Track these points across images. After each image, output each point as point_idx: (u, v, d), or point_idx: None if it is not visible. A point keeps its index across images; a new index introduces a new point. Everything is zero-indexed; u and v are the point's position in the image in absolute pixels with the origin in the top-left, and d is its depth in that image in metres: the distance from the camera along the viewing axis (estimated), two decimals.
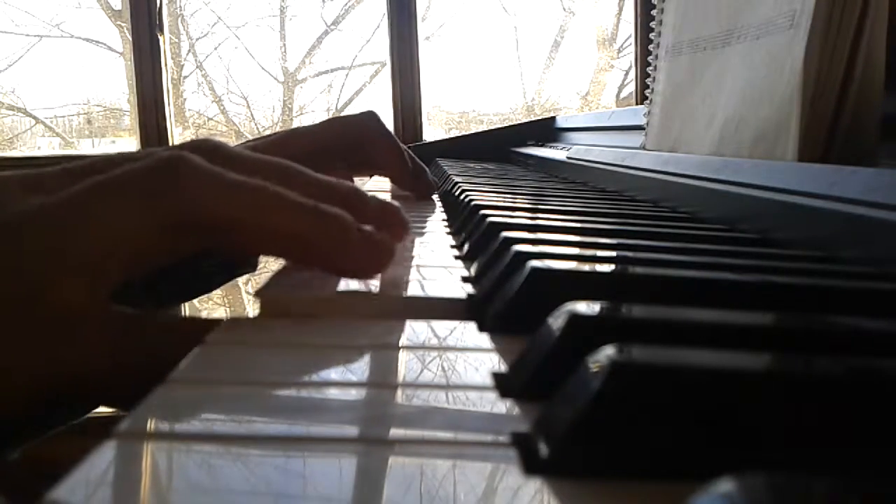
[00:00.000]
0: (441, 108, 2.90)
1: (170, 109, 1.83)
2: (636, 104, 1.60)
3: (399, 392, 0.20)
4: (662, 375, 0.16)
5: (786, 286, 0.28)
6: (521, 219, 0.45)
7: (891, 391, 0.15)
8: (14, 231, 0.26)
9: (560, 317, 0.21)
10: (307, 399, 0.19)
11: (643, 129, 0.74)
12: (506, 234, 0.35)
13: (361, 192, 0.31)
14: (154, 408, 0.18)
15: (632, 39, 1.85)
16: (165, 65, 1.82)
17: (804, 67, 0.45)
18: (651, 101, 0.73)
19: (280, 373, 0.21)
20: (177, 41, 2.84)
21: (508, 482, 0.15)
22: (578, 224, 0.45)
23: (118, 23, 2.69)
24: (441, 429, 0.17)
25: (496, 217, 0.43)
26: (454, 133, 2.49)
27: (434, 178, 0.73)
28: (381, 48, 2.01)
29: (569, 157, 0.95)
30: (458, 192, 0.64)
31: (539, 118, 1.61)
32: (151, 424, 0.17)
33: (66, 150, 2.78)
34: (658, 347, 0.17)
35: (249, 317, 0.27)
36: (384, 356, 0.23)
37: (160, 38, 1.80)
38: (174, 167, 0.27)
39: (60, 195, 0.26)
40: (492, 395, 0.20)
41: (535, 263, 0.27)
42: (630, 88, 2.32)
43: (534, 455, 0.16)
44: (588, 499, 0.14)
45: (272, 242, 0.28)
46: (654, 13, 0.74)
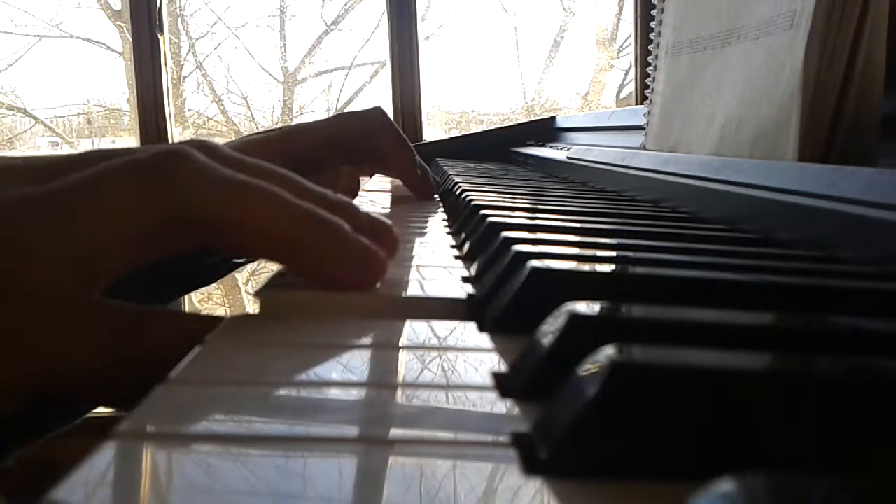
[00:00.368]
0: (441, 108, 2.90)
1: (170, 109, 1.83)
2: (636, 104, 1.60)
3: (399, 392, 0.20)
4: (662, 375, 0.16)
5: (786, 286, 0.28)
6: (521, 219, 0.45)
7: (891, 391, 0.15)
8: (6, 216, 0.25)
9: (560, 317, 0.21)
10: (307, 399, 0.19)
11: (643, 129, 0.74)
12: (506, 234, 0.35)
13: (355, 206, 0.31)
14: (154, 408, 0.18)
15: (632, 39, 1.85)
16: (165, 65, 1.82)
17: (804, 67, 0.45)
18: (651, 101, 0.73)
19: (280, 373, 0.21)
20: (177, 41, 2.84)
21: (508, 482, 0.15)
22: (578, 224, 0.45)
23: (118, 23, 2.69)
24: (441, 429, 0.17)
25: (496, 217, 0.43)
26: (454, 133, 2.49)
27: (435, 178, 0.74)
28: (381, 48, 2.01)
29: (569, 157, 0.95)
30: (459, 192, 0.64)
31: (539, 118, 1.61)
32: (151, 424, 0.17)
33: (66, 151, 2.78)
34: (658, 347, 0.17)
35: (249, 316, 0.27)
36: (384, 356, 0.23)
37: (160, 38, 1.80)
38: (172, 162, 0.27)
39: (55, 184, 0.26)
40: (492, 395, 0.20)
41: (535, 263, 0.27)
42: (630, 88, 2.32)
43: (534, 455, 0.16)
44: (588, 499, 0.14)
45: (268, 244, 0.28)
46: (654, 13, 0.74)
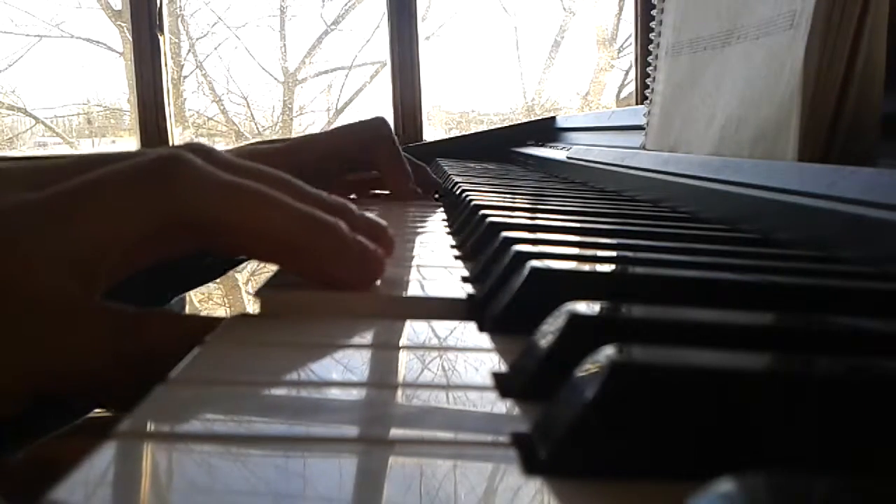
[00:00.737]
0: (441, 108, 2.90)
1: (170, 109, 1.83)
2: (636, 104, 1.60)
3: (399, 392, 0.20)
4: (662, 375, 0.16)
5: (786, 286, 0.28)
6: (521, 219, 0.45)
7: (891, 391, 0.15)
8: (4, 221, 0.25)
9: (560, 317, 0.21)
10: (307, 399, 0.19)
11: (643, 129, 0.74)
12: (506, 234, 0.35)
13: (351, 207, 0.31)
14: (154, 408, 0.18)
15: (632, 39, 1.85)
16: (165, 65, 1.82)
17: (804, 67, 0.45)
18: (651, 101, 0.73)
19: (280, 373, 0.21)
20: (177, 41, 2.84)
21: (508, 482, 0.15)
22: (578, 224, 0.45)
23: (118, 23, 2.69)
24: (441, 429, 0.17)
25: (496, 217, 0.43)
26: (454, 133, 2.49)
27: (436, 179, 0.74)
28: (381, 48, 2.01)
29: (569, 157, 0.95)
30: (459, 192, 0.64)
31: (539, 118, 1.61)
32: (151, 424, 0.17)
33: (67, 150, 2.78)
34: (658, 347, 0.17)
35: (249, 316, 0.27)
36: (384, 356, 0.23)
37: (160, 38, 1.80)
38: (170, 166, 0.27)
39: (55, 189, 0.26)
40: (492, 395, 0.19)
41: (535, 263, 0.27)
42: (630, 88, 2.32)
43: (534, 455, 0.16)
44: (588, 499, 0.14)
45: (266, 246, 0.28)
46: (654, 13, 0.74)
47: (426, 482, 0.15)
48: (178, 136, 1.92)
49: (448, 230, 0.49)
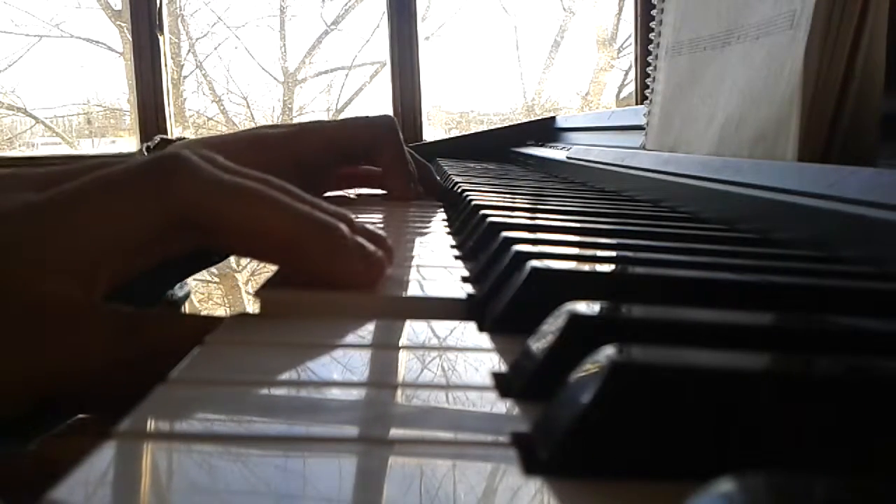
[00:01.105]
0: (441, 108, 2.90)
1: (170, 109, 1.83)
2: (636, 104, 1.60)
3: (399, 392, 0.20)
4: (662, 375, 0.16)
5: (786, 286, 0.28)
6: (521, 219, 0.45)
7: (891, 391, 0.15)
8: (6, 224, 0.26)
9: (560, 317, 0.21)
10: (307, 399, 0.19)
11: (643, 129, 0.74)
12: (506, 234, 0.35)
13: (349, 215, 0.31)
14: (154, 408, 0.18)
15: (632, 39, 1.85)
16: (165, 65, 1.82)
17: (804, 67, 0.45)
18: (651, 101, 0.73)
19: (280, 373, 0.21)
20: (177, 41, 2.84)
21: (508, 482, 0.15)
22: (578, 224, 0.45)
23: (118, 23, 2.69)
24: (441, 429, 0.17)
25: (496, 217, 0.43)
26: (454, 133, 2.49)
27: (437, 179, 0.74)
28: (381, 48, 2.01)
29: (569, 157, 0.95)
30: (459, 192, 0.64)
31: (539, 118, 1.61)
32: (151, 424, 0.17)
33: (67, 150, 2.78)
34: (658, 347, 0.17)
35: (249, 316, 0.27)
36: (384, 356, 0.23)
37: (160, 38, 1.80)
38: (170, 166, 0.27)
39: (55, 192, 0.26)
40: (492, 395, 0.19)
41: (535, 263, 0.27)
42: (630, 88, 2.32)
43: (534, 455, 0.16)
44: (588, 499, 0.14)
45: (267, 246, 0.28)
46: (654, 13, 0.74)
47: (426, 482, 0.15)
48: (178, 136, 1.92)
49: (448, 230, 0.49)
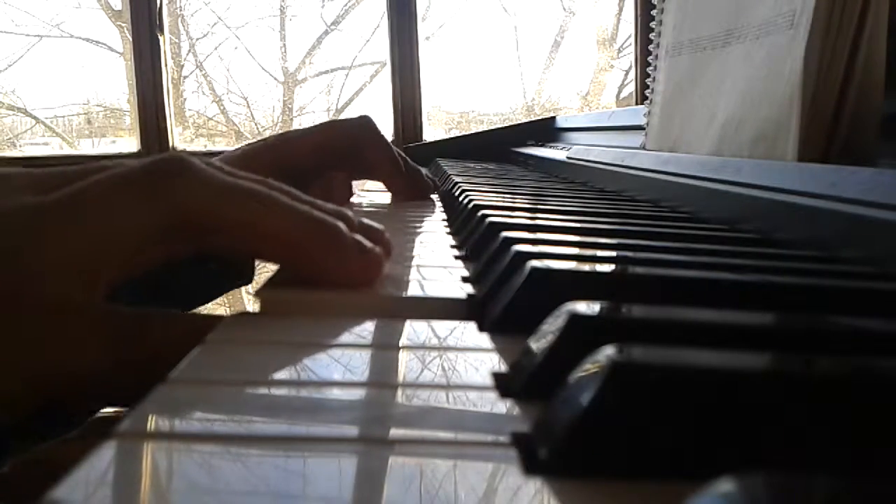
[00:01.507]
0: (441, 108, 2.90)
1: (170, 109, 1.83)
2: (636, 104, 1.60)
3: (399, 392, 0.20)
4: (662, 375, 0.16)
5: (786, 286, 0.28)
6: (521, 219, 0.45)
7: (891, 391, 0.15)
8: (7, 226, 0.26)
9: (560, 317, 0.21)
10: (307, 399, 0.19)
11: (643, 129, 0.74)
12: (506, 234, 0.35)
13: (348, 213, 0.31)
14: (154, 408, 0.18)
15: (632, 39, 1.85)
16: (165, 65, 1.82)
17: (804, 67, 0.45)
18: (651, 101, 0.73)
19: (280, 372, 0.21)
20: (177, 41, 2.84)
21: (508, 482, 0.15)
22: (578, 224, 0.45)
23: (118, 23, 2.69)
24: (441, 429, 0.17)
25: (496, 217, 0.43)
26: (454, 133, 2.48)
27: (433, 178, 0.74)
28: (381, 48, 2.00)
29: (569, 157, 0.95)
30: (458, 192, 0.64)
31: (539, 118, 1.61)
32: (151, 424, 0.17)
33: (67, 150, 2.78)
34: (658, 348, 0.17)
35: (249, 316, 0.27)
36: (384, 356, 0.23)
37: (160, 38, 1.80)
38: (171, 167, 0.27)
39: (57, 194, 0.26)
40: (492, 395, 0.20)
41: (535, 263, 0.27)
42: (630, 88, 2.32)
43: (534, 455, 0.16)
44: (588, 499, 0.14)
45: (266, 246, 0.28)
46: (654, 13, 0.74)
47: (426, 482, 0.15)
48: (178, 137, 1.92)
49: (448, 230, 0.49)
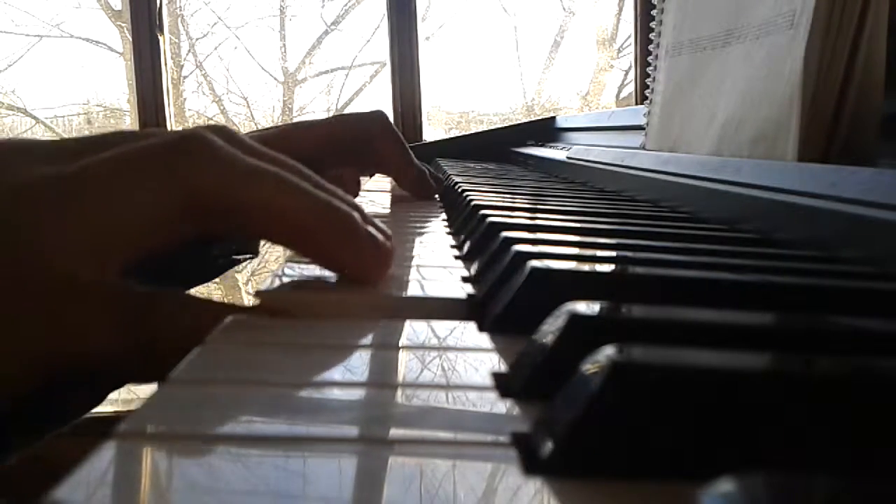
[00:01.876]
0: (441, 108, 2.90)
1: (170, 109, 1.83)
2: (636, 104, 1.60)
3: (399, 392, 0.20)
4: (662, 375, 0.16)
5: (786, 286, 0.28)
6: (521, 219, 0.45)
7: (891, 391, 0.15)
8: (25, 197, 0.25)
9: (560, 317, 0.21)
10: (307, 399, 0.19)
11: (643, 129, 0.74)
12: (506, 234, 0.35)
13: (360, 205, 0.31)
14: (154, 408, 0.18)
15: (632, 39, 1.85)
16: (165, 65, 1.82)
17: (804, 67, 0.45)
18: (651, 101, 0.73)
19: (280, 373, 0.21)
20: (177, 41, 2.84)
21: (508, 482, 0.15)
22: (578, 224, 0.45)
23: (118, 23, 2.69)
24: (441, 429, 0.17)
25: (496, 217, 0.43)
26: (454, 133, 2.48)
27: (439, 176, 0.74)
28: (381, 48, 2.00)
29: (569, 157, 0.95)
30: (459, 192, 0.64)
31: (539, 118, 1.61)
32: (151, 424, 0.17)
33: None
34: (658, 347, 0.17)
35: (249, 316, 0.27)
36: (384, 356, 0.23)
37: (160, 38, 1.80)
38: (191, 145, 0.27)
39: (77, 165, 0.26)
40: (492, 395, 0.19)
41: (535, 263, 0.27)
42: (630, 88, 2.32)
43: (534, 455, 0.16)
44: (588, 499, 0.14)
45: (283, 229, 0.28)
46: (654, 13, 0.74)
47: (426, 482, 0.15)
48: None
49: (448, 230, 0.49)
